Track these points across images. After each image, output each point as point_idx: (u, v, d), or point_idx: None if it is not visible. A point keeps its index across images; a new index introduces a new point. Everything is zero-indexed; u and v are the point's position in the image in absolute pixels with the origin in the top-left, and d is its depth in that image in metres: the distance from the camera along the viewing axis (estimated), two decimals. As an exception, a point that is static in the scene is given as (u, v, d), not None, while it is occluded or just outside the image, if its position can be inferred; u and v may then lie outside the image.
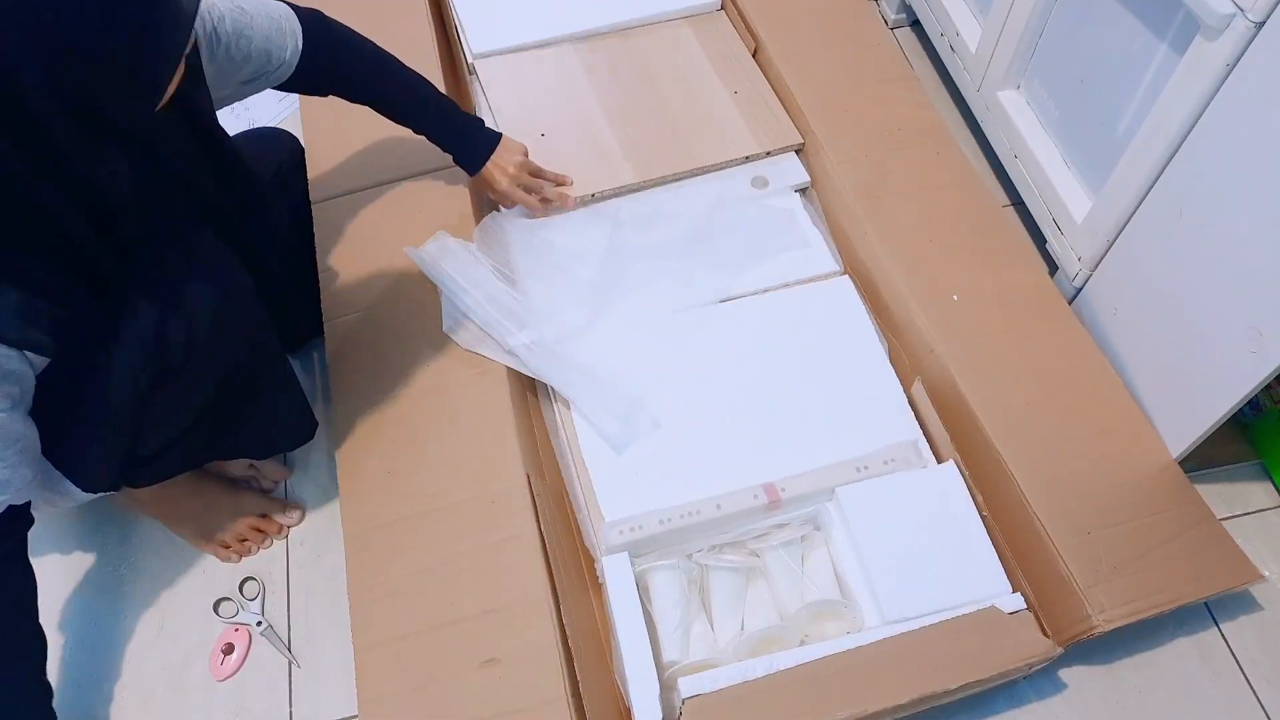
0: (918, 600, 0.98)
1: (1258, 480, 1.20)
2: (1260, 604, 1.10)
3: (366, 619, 0.97)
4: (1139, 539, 1.01)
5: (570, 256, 1.25)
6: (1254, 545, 1.13)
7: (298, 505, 1.19)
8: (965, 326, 1.15)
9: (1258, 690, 1.04)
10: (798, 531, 1.06)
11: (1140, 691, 1.04)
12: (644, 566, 1.02)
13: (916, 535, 1.02)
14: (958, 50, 1.48)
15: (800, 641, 1.00)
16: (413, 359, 1.14)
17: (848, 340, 1.19)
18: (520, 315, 1.16)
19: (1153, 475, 1.06)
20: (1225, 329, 0.97)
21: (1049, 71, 1.28)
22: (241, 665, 1.09)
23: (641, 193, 1.35)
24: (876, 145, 1.34)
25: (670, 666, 0.97)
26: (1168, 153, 1.02)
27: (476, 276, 1.18)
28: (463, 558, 1.00)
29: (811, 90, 1.41)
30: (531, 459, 1.09)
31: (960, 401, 1.10)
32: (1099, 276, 1.20)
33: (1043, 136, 1.31)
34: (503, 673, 0.93)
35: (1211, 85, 0.95)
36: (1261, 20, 0.87)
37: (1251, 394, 0.96)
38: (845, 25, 1.51)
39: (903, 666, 0.93)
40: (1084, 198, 1.23)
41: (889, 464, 1.07)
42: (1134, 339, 1.14)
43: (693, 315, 1.21)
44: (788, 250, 1.29)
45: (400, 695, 0.92)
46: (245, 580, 1.14)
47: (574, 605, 0.99)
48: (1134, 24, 1.09)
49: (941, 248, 1.23)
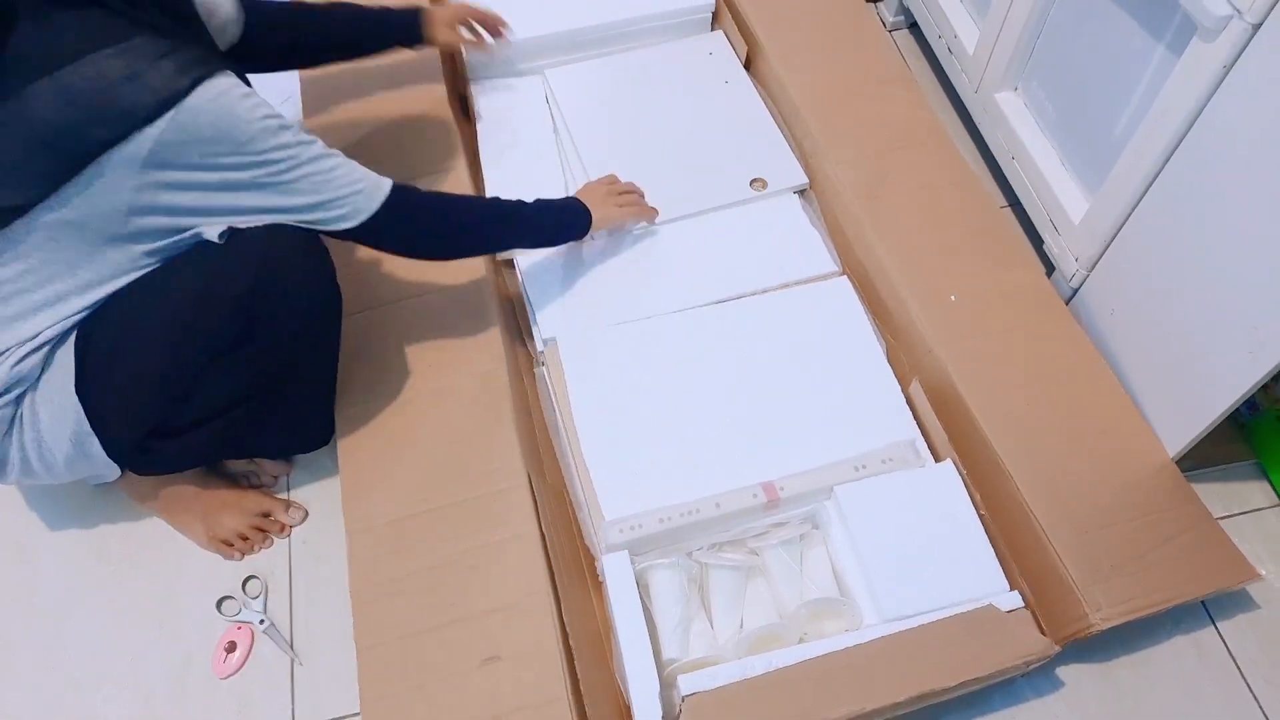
0: (916, 598, 0.98)
1: (1255, 480, 1.20)
2: (1257, 603, 1.10)
3: (368, 617, 0.97)
4: (1136, 538, 1.01)
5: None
6: (1251, 544, 1.14)
7: (300, 504, 1.19)
8: (963, 327, 1.15)
9: (1255, 689, 1.05)
10: (797, 530, 1.07)
11: (1137, 690, 1.05)
12: (644, 565, 1.03)
13: (914, 534, 1.02)
14: (956, 52, 1.49)
15: (799, 639, 1.01)
16: (414, 359, 1.15)
17: (846, 340, 1.19)
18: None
19: (1150, 475, 1.06)
20: (1222, 329, 0.98)
21: (1046, 73, 1.28)
22: (244, 663, 1.09)
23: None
24: (875, 146, 1.34)
25: (670, 664, 0.98)
26: (1165, 153, 1.03)
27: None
28: (464, 556, 1.00)
29: (811, 92, 1.41)
30: (532, 458, 1.09)
31: (958, 401, 1.10)
32: (1096, 277, 1.20)
33: (1040, 138, 1.31)
34: (504, 671, 0.93)
35: (1209, 86, 0.95)
36: (1258, 22, 0.88)
37: (1248, 394, 0.96)
38: (844, 27, 1.51)
39: (901, 664, 0.93)
40: (1081, 198, 1.23)
41: (887, 463, 1.08)
42: (1131, 339, 1.14)
43: (692, 315, 1.22)
44: (786, 251, 1.29)
45: (402, 693, 0.93)
46: (248, 578, 1.15)
47: (574, 604, 1.00)
48: (1131, 26, 1.09)
49: (940, 248, 1.23)
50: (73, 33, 0.77)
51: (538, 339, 1.22)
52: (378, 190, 0.93)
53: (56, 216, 0.81)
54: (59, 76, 0.75)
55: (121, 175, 0.79)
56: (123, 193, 0.81)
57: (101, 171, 0.79)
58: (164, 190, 0.82)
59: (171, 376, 0.92)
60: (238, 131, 0.81)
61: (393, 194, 0.94)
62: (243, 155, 0.83)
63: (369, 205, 0.93)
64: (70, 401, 0.90)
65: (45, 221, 0.81)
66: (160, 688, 1.08)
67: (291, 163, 0.86)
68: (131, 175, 0.79)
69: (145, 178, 0.80)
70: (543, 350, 1.21)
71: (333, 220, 0.91)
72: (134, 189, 0.81)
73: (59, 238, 0.83)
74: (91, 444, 0.93)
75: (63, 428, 0.92)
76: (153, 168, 0.80)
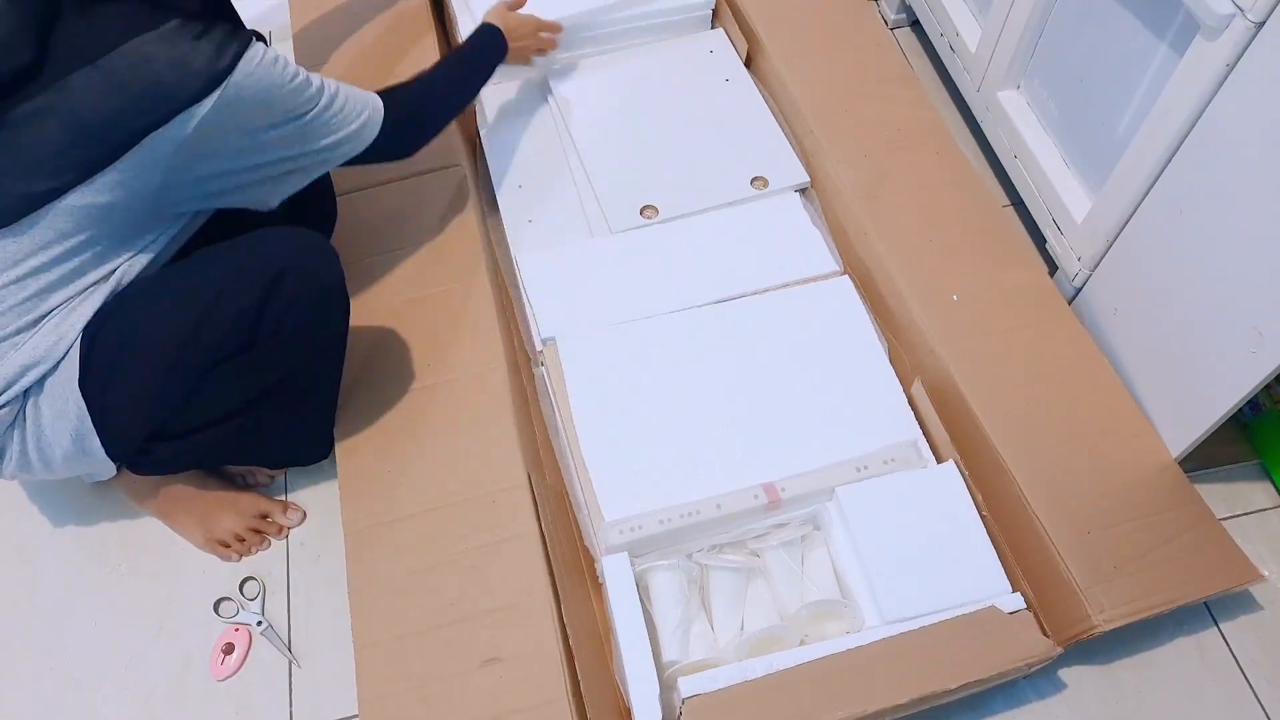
0: (917, 600, 0.98)
1: (1257, 480, 1.20)
2: (1260, 604, 1.10)
3: (367, 618, 0.97)
4: (1139, 539, 1.01)
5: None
6: (1254, 545, 1.13)
7: (298, 506, 1.19)
8: (965, 327, 1.15)
9: (1257, 690, 1.04)
10: (798, 531, 1.06)
11: (1140, 691, 1.04)
12: (644, 566, 1.02)
13: (916, 535, 1.02)
14: (958, 50, 1.48)
15: (800, 641, 1.00)
16: (413, 359, 1.15)
17: (847, 340, 1.19)
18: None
19: (1153, 475, 1.06)
20: (1225, 329, 0.97)
21: (1049, 71, 1.28)
22: (242, 665, 1.09)
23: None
24: (876, 145, 1.34)
25: (670, 666, 0.97)
26: (1168, 152, 1.02)
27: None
28: (463, 557, 1.00)
29: (811, 90, 1.41)
30: (532, 459, 1.09)
31: (960, 401, 1.10)
32: (1099, 276, 1.20)
33: (1043, 136, 1.31)
34: (503, 672, 0.93)
35: (1211, 85, 0.95)
36: (1261, 20, 0.87)
37: (1251, 394, 0.96)
38: (845, 25, 1.51)
39: (902, 667, 0.93)
40: (1084, 198, 1.23)
41: (889, 464, 1.07)
42: (1134, 339, 1.14)
43: (693, 315, 1.21)
44: (787, 250, 1.29)
45: (400, 695, 0.93)
46: (245, 580, 1.14)
47: (574, 605, 0.99)
48: (1134, 24, 1.09)
49: (941, 248, 1.23)
50: (114, 22, 0.79)
51: (537, 339, 1.21)
52: (376, 114, 0.98)
53: (87, 200, 0.82)
54: (102, 65, 0.78)
55: (160, 156, 0.81)
56: (156, 175, 0.82)
57: (141, 155, 0.80)
58: (195, 162, 0.84)
59: (175, 381, 0.92)
60: (277, 97, 0.86)
61: (387, 111, 0.99)
62: (279, 116, 0.87)
63: (371, 132, 0.98)
64: (74, 398, 0.90)
65: (72, 205, 0.82)
66: (159, 689, 1.08)
67: (316, 111, 0.90)
68: (168, 156, 0.82)
69: (179, 156, 0.82)
70: (542, 350, 1.20)
71: (344, 154, 0.97)
72: (166, 170, 0.83)
73: (83, 221, 0.83)
74: (91, 442, 0.92)
75: (64, 423, 0.91)
76: (190, 143, 0.82)
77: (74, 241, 0.84)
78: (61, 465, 0.95)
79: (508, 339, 1.19)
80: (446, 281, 1.21)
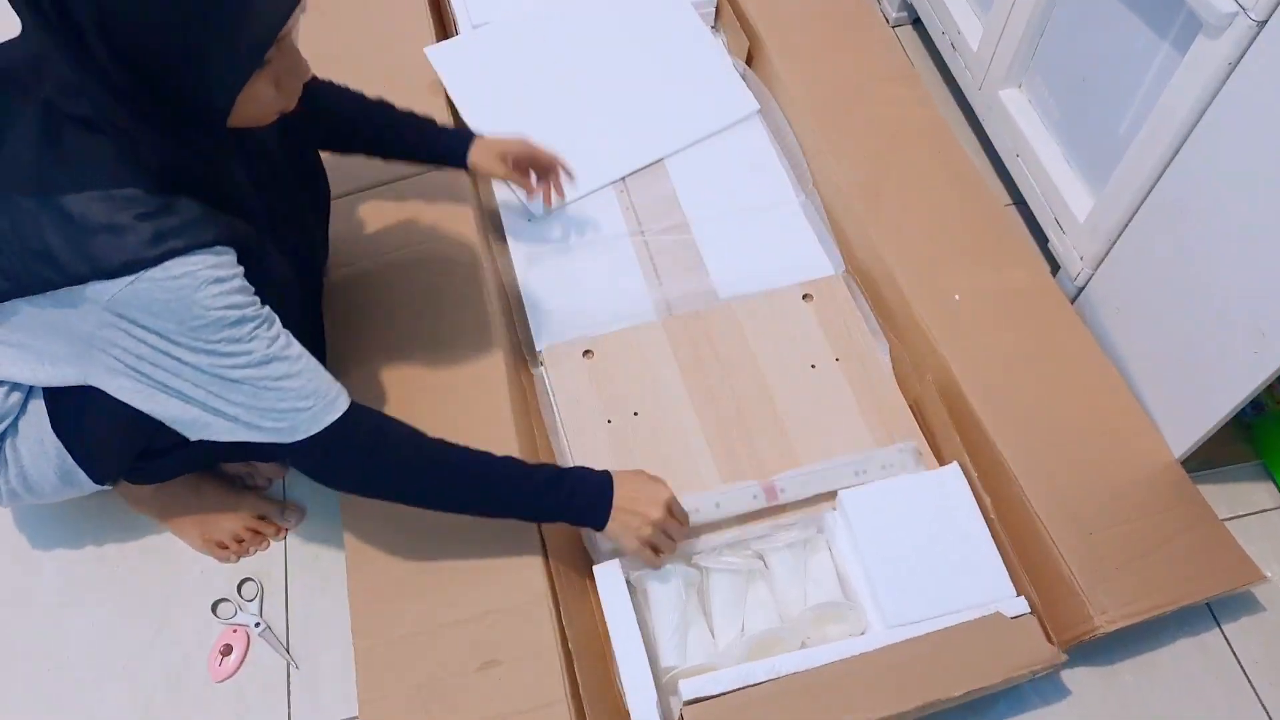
0: (921, 604, 0.97)
1: (1260, 480, 1.20)
2: (1262, 605, 1.10)
3: (366, 620, 0.97)
4: (1141, 539, 1.00)
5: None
6: (1256, 546, 1.13)
7: (296, 507, 1.19)
8: (967, 326, 1.15)
9: (1260, 691, 1.04)
10: (801, 534, 1.06)
11: (1141, 692, 1.04)
12: (640, 571, 1.02)
13: (920, 538, 1.01)
14: (959, 48, 1.48)
15: (801, 644, 1.00)
16: (412, 359, 1.14)
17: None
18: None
19: (1155, 475, 1.05)
20: (1228, 328, 0.97)
21: (1051, 70, 1.27)
22: (240, 666, 1.09)
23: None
24: (877, 144, 1.33)
25: (668, 671, 0.97)
26: (1170, 151, 1.02)
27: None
28: (463, 558, 1.00)
29: (812, 89, 1.40)
30: (531, 459, 1.08)
31: (962, 402, 1.09)
32: (1101, 276, 1.19)
33: (1044, 135, 1.30)
34: (503, 674, 0.93)
35: (1214, 84, 0.94)
36: (1263, 19, 0.87)
37: (1254, 394, 0.96)
38: (846, 24, 1.50)
39: (906, 673, 0.92)
40: (1086, 196, 1.22)
41: (889, 466, 1.07)
42: (1136, 338, 1.13)
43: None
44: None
45: (400, 697, 0.92)
46: (243, 581, 1.14)
47: (574, 607, 0.99)
48: (1136, 23, 1.08)
49: (943, 247, 1.22)
50: (73, 163, 0.73)
51: (536, 339, 1.21)
52: (327, 413, 0.83)
53: (36, 310, 0.78)
54: (48, 201, 0.72)
55: (84, 308, 0.75)
56: (85, 324, 0.76)
57: (69, 295, 0.75)
58: (121, 335, 0.77)
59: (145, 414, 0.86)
60: (188, 315, 0.75)
61: (344, 417, 0.84)
62: (188, 338, 0.76)
63: (306, 428, 0.82)
64: (49, 439, 0.89)
65: (25, 310, 0.78)
66: (158, 690, 1.08)
67: (238, 360, 0.77)
68: (93, 311, 0.75)
69: (104, 318, 0.75)
70: (541, 350, 1.20)
71: (264, 434, 0.82)
72: (95, 324, 0.76)
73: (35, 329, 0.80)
74: (77, 475, 0.92)
75: (45, 462, 0.90)
76: (111, 314, 0.75)
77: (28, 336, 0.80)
78: (53, 494, 0.95)
79: (506, 339, 1.18)
80: (446, 281, 1.20)
